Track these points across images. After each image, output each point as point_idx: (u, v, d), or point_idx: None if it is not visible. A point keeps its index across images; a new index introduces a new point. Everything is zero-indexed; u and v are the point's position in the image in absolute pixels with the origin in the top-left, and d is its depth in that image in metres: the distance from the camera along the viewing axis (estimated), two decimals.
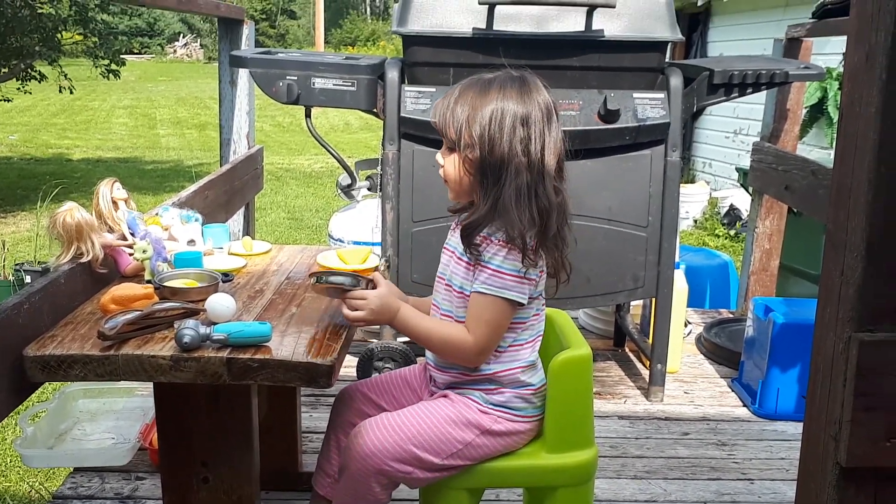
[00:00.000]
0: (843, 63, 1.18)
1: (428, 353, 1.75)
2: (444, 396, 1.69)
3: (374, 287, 1.63)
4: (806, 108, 6.52)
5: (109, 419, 2.39)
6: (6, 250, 5.22)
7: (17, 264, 5.18)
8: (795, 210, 3.69)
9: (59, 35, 9.61)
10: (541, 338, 1.70)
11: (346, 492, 1.64)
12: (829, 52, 6.37)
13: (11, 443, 3.11)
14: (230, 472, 1.58)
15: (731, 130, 8.81)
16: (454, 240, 1.67)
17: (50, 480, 2.98)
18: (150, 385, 1.62)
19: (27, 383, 1.46)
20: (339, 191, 3.27)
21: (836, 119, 6.15)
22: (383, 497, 1.64)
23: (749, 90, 2.77)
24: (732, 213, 7.49)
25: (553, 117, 1.56)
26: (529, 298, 1.59)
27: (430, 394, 1.76)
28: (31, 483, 2.97)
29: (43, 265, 4.93)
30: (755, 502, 2.28)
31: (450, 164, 1.59)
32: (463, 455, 1.64)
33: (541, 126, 1.54)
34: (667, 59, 2.78)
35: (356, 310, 1.57)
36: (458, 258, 1.63)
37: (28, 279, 4.81)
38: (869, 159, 1.07)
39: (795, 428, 2.70)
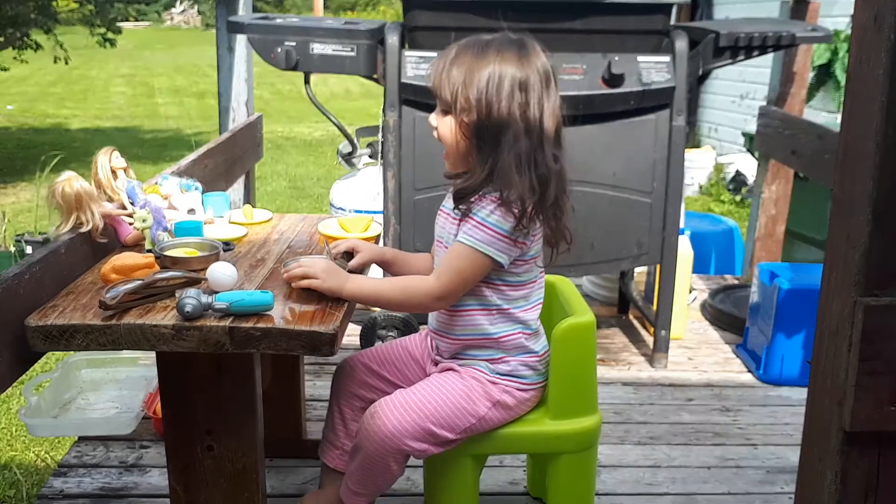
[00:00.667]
0: (850, 25, 1.15)
1: (431, 321, 1.74)
2: (451, 370, 1.68)
3: (352, 257, 1.70)
4: (814, 69, 6.44)
5: (113, 388, 2.40)
6: (6, 221, 5.21)
7: (17, 235, 5.16)
8: (802, 175, 3.66)
9: (54, 3, 9.52)
10: (541, 304, 1.69)
11: (362, 471, 1.65)
12: (836, 13, 6.29)
13: (16, 413, 3.12)
14: (235, 441, 1.58)
15: (737, 95, 8.72)
16: (449, 202, 1.65)
17: (55, 449, 3.00)
18: (153, 354, 1.62)
19: (29, 353, 1.46)
20: (340, 159, 3.24)
21: (843, 82, 6.09)
22: (399, 472, 1.66)
23: (755, 53, 2.74)
24: (738, 179, 7.45)
25: (552, 83, 1.53)
26: (520, 261, 1.58)
27: (434, 363, 1.75)
28: (36, 452, 2.99)
29: (43, 235, 4.92)
30: (759, 467, 2.29)
31: (445, 128, 1.57)
32: (475, 429, 1.65)
33: (539, 91, 1.50)
34: (672, 22, 2.74)
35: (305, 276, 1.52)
36: (453, 218, 1.62)
37: (29, 249, 4.80)
38: (877, 122, 1.06)
39: (800, 393, 2.70)
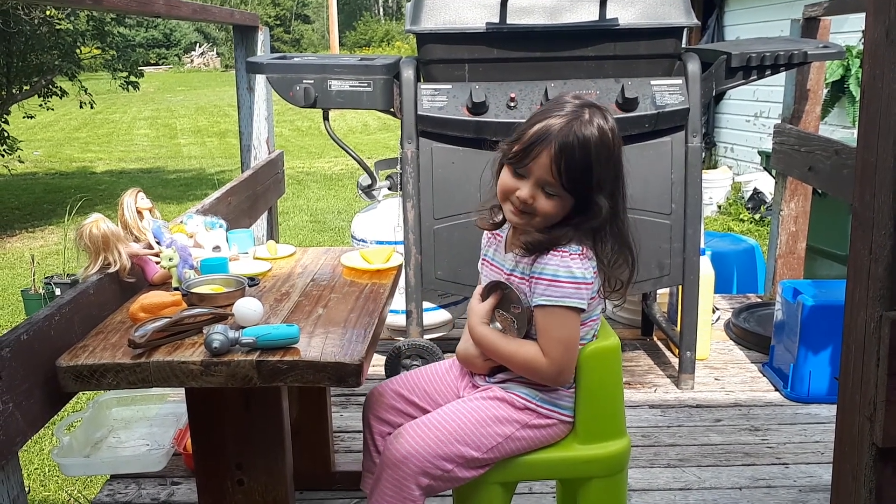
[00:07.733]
0: (862, 40, 1.16)
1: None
2: (488, 389, 1.69)
3: None
4: (827, 85, 6.43)
5: (143, 426, 2.42)
6: (36, 264, 5.30)
7: (46, 277, 5.25)
8: (820, 191, 3.65)
9: (77, 50, 9.73)
10: (596, 335, 1.70)
11: (384, 495, 1.63)
12: (847, 29, 6.29)
13: (49, 453, 3.15)
14: (264, 474, 1.59)
15: (751, 114, 8.72)
16: (497, 255, 1.68)
17: (87, 488, 3.03)
18: (182, 391, 1.64)
19: (61, 394, 1.48)
20: (360, 191, 3.28)
21: (858, 97, 6.07)
22: (420, 501, 1.64)
23: (768, 72, 2.75)
24: (756, 197, 7.43)
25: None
26: (588, 300, 1.60)
27: (474, 386, 1.74)
28: (69, 491, 3.01)
29: (72, 277, 5.00)
30: (791, 486, 2.27)
31: (548, 206, 1.56)
32: (502, 448, 1.64)
33: (618, 150, 1.67)
34: (683, 45, 2.76)
35: None
36: (508, 274, 1.63)
37: (58, 291, 4.88)
38: (893, 135, 1.06)
39: (829, 410, 2.67)
